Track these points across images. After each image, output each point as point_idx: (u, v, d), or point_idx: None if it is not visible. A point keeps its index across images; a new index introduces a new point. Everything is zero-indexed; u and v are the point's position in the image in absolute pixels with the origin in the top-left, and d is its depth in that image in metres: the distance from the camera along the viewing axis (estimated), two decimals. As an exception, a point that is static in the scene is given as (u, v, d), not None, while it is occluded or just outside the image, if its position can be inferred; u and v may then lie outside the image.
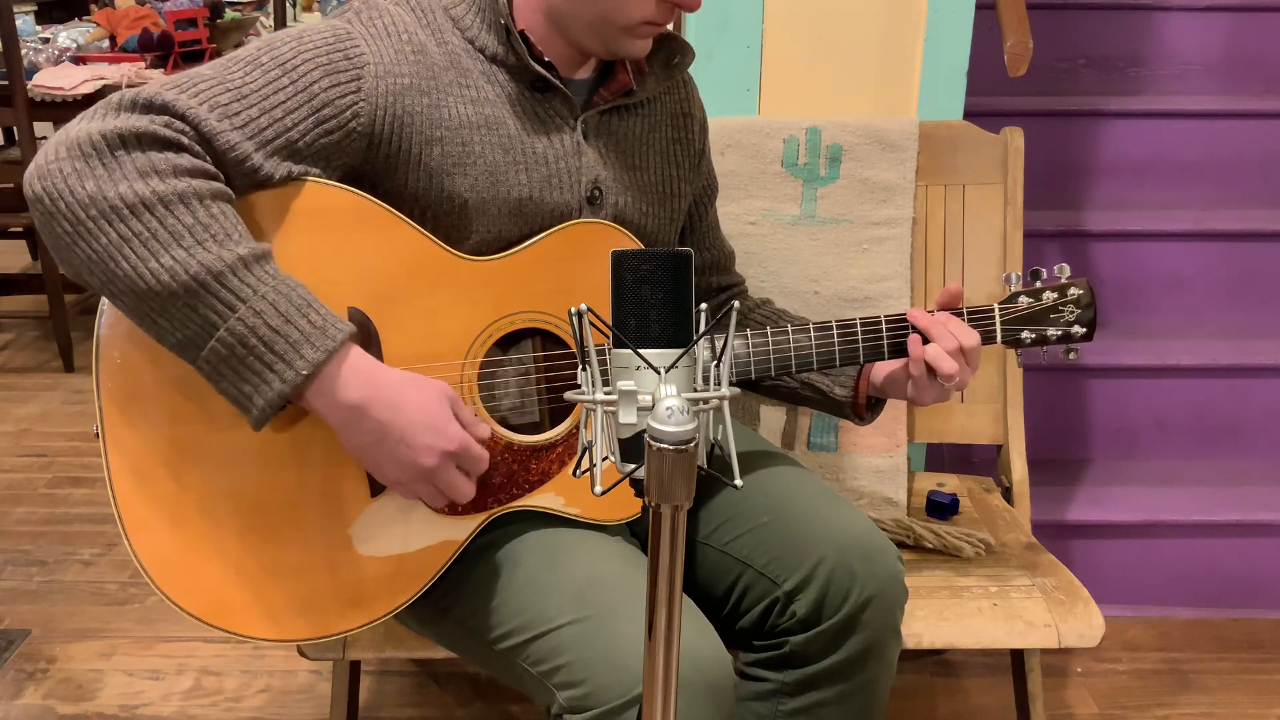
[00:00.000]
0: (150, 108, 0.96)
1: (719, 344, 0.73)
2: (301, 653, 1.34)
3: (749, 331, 1.21)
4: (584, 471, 0.74)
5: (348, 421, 0.99)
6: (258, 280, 0.95)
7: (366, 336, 1.06)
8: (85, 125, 0.95)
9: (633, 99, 1.20)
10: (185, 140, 0.96)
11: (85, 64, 3.34)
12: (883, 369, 1.24)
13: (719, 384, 0.72)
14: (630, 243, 1.18)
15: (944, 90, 1.74)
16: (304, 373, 0.95)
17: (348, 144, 1.06)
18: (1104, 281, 2.20)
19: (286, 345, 0.94)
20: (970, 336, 1.16)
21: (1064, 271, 1.23)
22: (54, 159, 0.94)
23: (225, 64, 1.03)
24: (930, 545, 1.53)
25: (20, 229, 3.59)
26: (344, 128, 1.05)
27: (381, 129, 1.07)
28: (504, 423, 1.15)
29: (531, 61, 1.12)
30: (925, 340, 1.17)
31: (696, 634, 1.05)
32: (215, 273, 0.93)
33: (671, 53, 1.21)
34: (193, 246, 0.93)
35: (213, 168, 0.98)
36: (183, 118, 0.97)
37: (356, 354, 0.99)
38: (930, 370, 1.16)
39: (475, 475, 1.05)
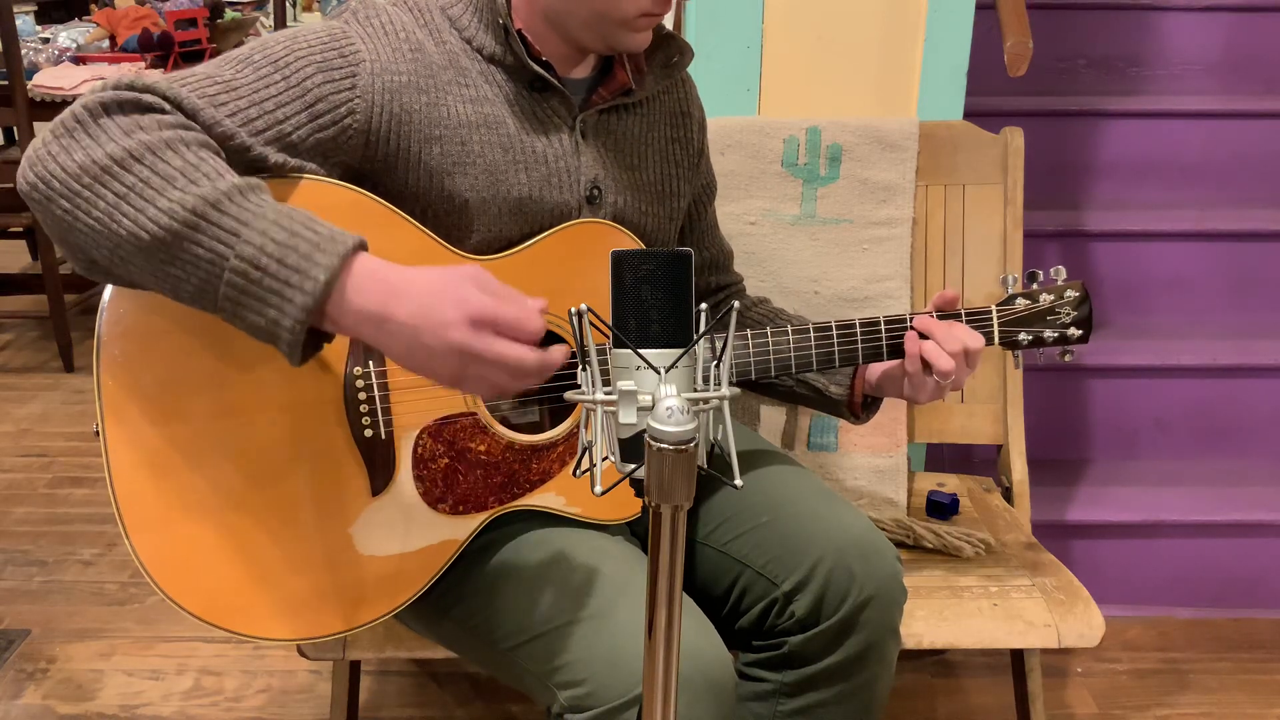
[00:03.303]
0: (133, 88, 0.96)
1: (719, 344, 0.73)
2: (301, 653, 1.34)
3: (749, 332, 1.21)
4: (584, 471, 0.74)
5: (380, 332, 0.92)
6: (256, 205, 0.92)
7: None
8: (67, 110, 0.95)
9: (631, 98, 1.20)
10: (168, 107, 0.96)
11: (85, 64, 3.34)
12: (878, 367, 1.24)
13: (719, 384, 0.72)
14: (630, 242, 1.18)
15: (944, 90, 1.74)
16: (322, 279, 0.90)
17: (344, 141, 1.06)
18: (1104, 281, 2.20)
19: (299, 257, 0.90)
20: (975, 339, 1.16)
21: (1060, 274, 1.23)
22: (40, 146, 0.93)
23: (217, 63, 1.02)
24: (930, 545, 1.53)
25: (20, 229, 3.58)
26: (339, 124, 1.05)
27: (379, 127, 1.06)
28: (505, 422, 1.15)
29: (529, 61, 1.12)
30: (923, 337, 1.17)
31: (697, 633, 1.05)
32: (212, 202, 0.91)
33: (670, 52, 1.21)
34: (186, 185, 0.91)
35: (197, 125, 0.97)
36: (165, 97, 0.96)
37: (368, 258, 0.93)
38: (926, 367, 1.16)
39: (526, 340, 0.93)
